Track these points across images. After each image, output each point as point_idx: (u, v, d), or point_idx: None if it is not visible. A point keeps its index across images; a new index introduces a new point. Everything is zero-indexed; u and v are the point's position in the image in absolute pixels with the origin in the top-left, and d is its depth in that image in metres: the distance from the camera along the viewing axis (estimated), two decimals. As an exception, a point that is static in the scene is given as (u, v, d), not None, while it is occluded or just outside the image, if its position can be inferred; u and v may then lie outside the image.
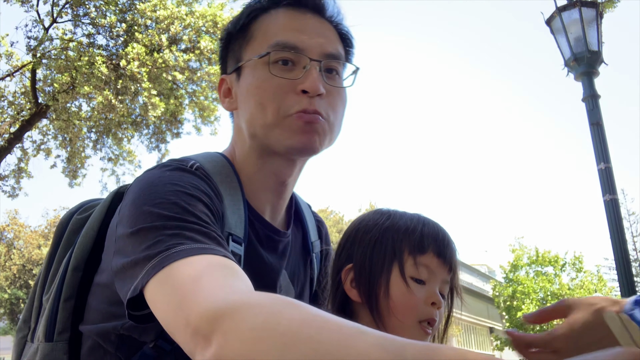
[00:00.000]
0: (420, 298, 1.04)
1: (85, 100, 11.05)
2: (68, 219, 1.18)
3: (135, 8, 10.48)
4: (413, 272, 1.05)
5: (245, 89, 1.07)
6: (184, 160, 1.01)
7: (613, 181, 5.24)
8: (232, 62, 1.13)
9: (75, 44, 10.38)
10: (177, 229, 0.82)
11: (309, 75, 1.03)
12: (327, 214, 27.89)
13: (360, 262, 1.08)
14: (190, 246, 0.78)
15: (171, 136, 12.15)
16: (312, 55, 1.05)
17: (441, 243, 1.08)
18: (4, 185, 11.79)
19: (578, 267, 29.46)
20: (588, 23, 5.50)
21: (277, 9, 1.09)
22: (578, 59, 5.51)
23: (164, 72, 10.26)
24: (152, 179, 0.93)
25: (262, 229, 1.10)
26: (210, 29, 10.84)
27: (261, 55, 1.04)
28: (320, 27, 1.10)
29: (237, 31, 1.12)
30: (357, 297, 1.08)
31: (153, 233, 0.82)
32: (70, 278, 1.05)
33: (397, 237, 1.07)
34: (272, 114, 1.03)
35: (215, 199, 0.96)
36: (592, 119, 5.43)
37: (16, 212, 25.85)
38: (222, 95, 1.16)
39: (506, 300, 28.65)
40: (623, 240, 5.12)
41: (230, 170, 1.09)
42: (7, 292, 25.03)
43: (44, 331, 1.04)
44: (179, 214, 0.84)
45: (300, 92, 1.03)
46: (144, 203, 0.87)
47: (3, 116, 10.98)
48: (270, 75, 1.03)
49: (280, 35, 1.05)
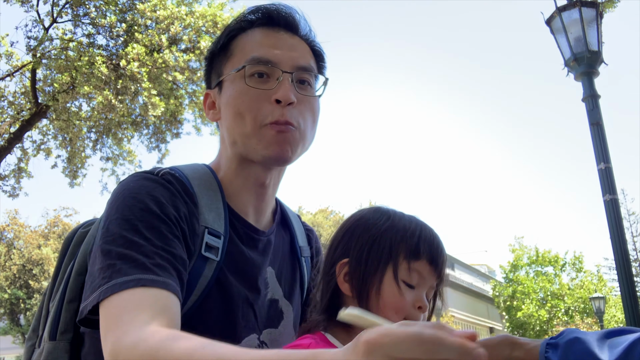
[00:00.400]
0: (408, 301, 1.07)
1: (85, 100, 11.05)
2: (73, 233, 1.27)
3: (135, 8, 10.48)
4: (405, 276, 1.08)
5: (226, 100, 1.18)
6: (154, 169, 1.12)
7: (613, 181, 5.24)
8: (214, 77, 1.24)
9: (75, 44, 10.38)
10: (124, 258, 0.95)
11: (282, 86, 1.13)
12: (327, 214, 27.87)
13: (357, 258, 1.11)
14: (129, 278, 0.92)
15: (171, 136, 12.15)
16: (285, 68, 1.15)
17: (435, 251, 1.11)
18: (4, 185, 11.79)
19: (578, 267, 29.45)
20: (588, 23, 5.50)
21: (254, 29, 1.21)
22: (578, 59, 5.51)
23: (164, 72, 10.26)
24: (119, 192, 1.06)
25: (242, 227, 1.19)
26: (210, 29, 10.84)
27: (238, 69, 1.16)
28: (293, 43, 1.20)
29: (219, 50, 1.23)
30: (348, 291, 1.11)
31: (105, 258, 0.96)
32: (74, 281, 1.12)
33: (394, 240, 1.10)
34: (250, 123, 1.13)
35: (178, 204, 1.06)
36: (592, 119, 5.43)
37: (16, 212, 25.86)
38: (206, 108, 1.27)
39: (506, 300, 28.64)
40: (623, 240, 5.12)
41: (210, 176, 1.19)
42: (7, 292, 25.02)
43: (48, 331, 1.11)
44: (129, 238, 0.97)
45: (274, 102, 1.13)
46: (109, 218, 1.01)
47: (3, 116, 10.98)
48: (247, 87, 1.14)
49: (255, 51, 1.16)
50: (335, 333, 1.11)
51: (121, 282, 0.91)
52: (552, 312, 27.46)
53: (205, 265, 1.08)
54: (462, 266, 35.56)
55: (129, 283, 0.91)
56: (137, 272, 0.92)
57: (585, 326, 24.47)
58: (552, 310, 27.47)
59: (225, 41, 1.22)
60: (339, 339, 1.10)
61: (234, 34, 1.22)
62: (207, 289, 1.08)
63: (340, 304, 1.12)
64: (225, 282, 1.12)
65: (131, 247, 0.95)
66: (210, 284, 1.08)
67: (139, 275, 0.92)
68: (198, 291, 1.07)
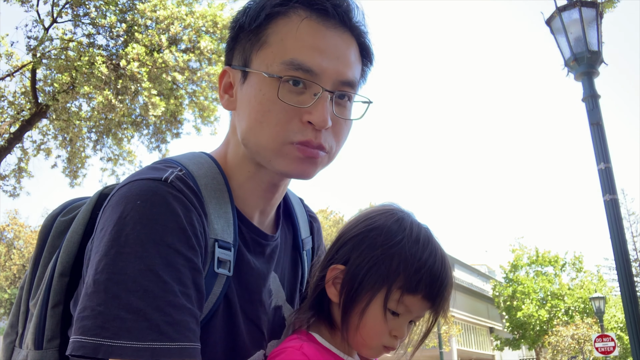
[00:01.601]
0: (387, 329, 1.06)
1: (85, 100, 11.05)
2: (52, 221, 1.15)
3: (135, 8, 10.48)
4: (393, 305, 1.05)
5: (248, 99, 1.01)
6: (162, 170, 0.97)
7: (613, 181, 5.24)
8: (239, 58, 1.06)
9: (75, 44, 10.38)
10: (135, 313, 0.82)
11: (319, 107, 0.98)
12: (327, 214, 27.87)
13: (353, 272, 1.07)
14: (140, 345, 0.81)
15: (171, 136, 12.15)
16: (326, 84, 0.99)
17: (434, 288, 1.06)
18: (5, 185, 11.80)
19: (578, 267, 29.44)
20: (588, 23, 5.50)
21: (298, 12, 1.00)
22: (578, 59, 5.51)
23: (164, 73, 10.26)
24: (124, 211, 0.89)
25: (249, 233, 1.08)
26: (210, 29, 10.83)
27: (272, 75, 0.98)
28: (341, 45, 1.02)
29: (251, 28, 1.03)
30: (334, 297, 1.09)
31: (111, 300, 0.83)
32: (57, 284, 1.03)
33: (396, 269, 1.04)
34: (271, 137, 0.99)
35: (193, 221, 0.93)
36: (592, 119, 5.43)
37: (16, 212, 25.86)
38: (222, 89, 1.09)
39: (506, 300, 28.62)
40: (623, 240, 5.12)
41: (217, 173, 1.06)
42: (7, 292, 25.02)
43: (32, 339, 1.02)
44: (143, 284, 0.84)
45: (306, 122, 0.98)
46: (114, 247, 0.86)
47: (3, 116, 10.97)
48: (277, 98, 0.97)
49: (297, 53, 0.98)
50: (320, 331, 1.11)
51: (130, 347, 0.81)
52: (552, 312, 27.44)
53: (215, 281, 0.99)
54: (462, 266, 35.53)
55: (140, 353, 0.81)
56: (149, 339, 0.82)
57: (585, 326, 24.46)
58: (552, 310, 27.45)
59: (261, 21, 1.01)
60: (324, 337, 1.10)
61: (273, 14, 1.01)
62: (215, 306, 0.99)
63: (326, 304, 1.12)
64: (232, 298, 1.03)
65: (145, 297, 0.83)
66: (218, 300, 1.00)
67: (152, 343, 0.82)
68: (206, 309, 0.98)
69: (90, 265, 0.89)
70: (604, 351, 15.61)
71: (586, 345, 23.94)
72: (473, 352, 31.80)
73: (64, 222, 1.13)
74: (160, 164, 1.01)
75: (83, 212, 1.08)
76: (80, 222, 1.07)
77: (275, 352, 1.05)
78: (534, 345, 27.97)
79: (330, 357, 1.07)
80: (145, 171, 0.98)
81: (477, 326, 33.48)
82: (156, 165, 1.01)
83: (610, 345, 15.59)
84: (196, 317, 0.88)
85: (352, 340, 1.07)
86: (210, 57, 10.90)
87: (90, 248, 0.95)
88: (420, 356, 26.55)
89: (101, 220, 0.94)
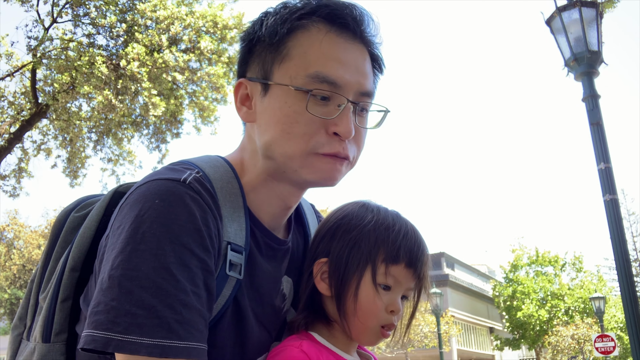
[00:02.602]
0: (383, 305, 1.09)
1: (86, 100, 11.05)
2: (65, 216, 1.17)
3: (135, 8, 10.48)
4: (382, 279, 1.09)
5: (272, 111, 1.03)
6: (180, 172, 0.98)
7: (613, 181, 5.24)
8: (257, 70, 1.08)
9: (75, 44, 10.39)
10: (148, 309, 0.84)
11: (344, 118, 1.02)
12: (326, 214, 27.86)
13: (337, 259, 1.11)
14: (150, 342, 0.82)
15: (171, 136, 12.15)
16: (349, 94, 1.03)
17: (415, 256, 1.11)
18: (5, 185, 11.80)
19: (578, 267, 29.44)
20: (588, 23, 5.50)
21: (318, 26, 1.03)
22: (578, 59, 5.51)
23: (164, 73, 10.26)
24: (143, 209, 0.91)
25: (262, 237, 1.10)
26: (210, 29, 10.84)
27: (300, 89, 1.00)
28: (359, 56, 1.06)
29: (272, 41, 1.05)
30: (326, 290, 1.12)
31: (124, 296, 0.84)
32: (68, 279, 1.04)
33: (375, 243, 1.10)
34: (299, 148, 1.01)
35: (210, 223, 0.95)
36: (592, 119, 5.43)
37: (16, 212, 25.88)
38: (238, 101, 1.10)
39: (506, 300, 28.62)
40: (623, 240, 5.12)
41: (232, 178, 1.07)
42: (7, 292, 25.03)
43: (41, 332, 1.03)
44: (157, 281, 0.85)
45: (332, 133, 1.02)
46: (130, 243, 0.88)
47: (3, 116, 10.98)
48: (305, 110, 1.00)
49: (321, 66, 1.01)
50: (318, 330, 1.12)
51: (140, 344, 0.82)
52: (552, 312, 27.45)
53: (226, 283, 1.00)
54: (462, 266, 35.55)
55: (150, 349, 0.82)
56: (160, 335, 0.83)
57: (585, 326, 24.47)
58: (552, 310, 27.47)
59: (282, 35, 1.04)
60: (323, 336, 1.11)
61: (293, 27, 1.04)
62: (223, 309, 1.00)
63: (320, 302, 1.14)
64: (241, 301, 1.04)
65: (158, 294, 0.84)
66: (227, 302, 1.01)
67: (162, 341, 0.83)
68: (215, 311, 0.99)
69: (105, 261, 0.90)
70: (604, 351, 15.62)
71: (586, 345, 23.94)
72: (473, 352, 31.80)
73: (78, 218, 1.14)
74: (178, 165, 1.03)
75: (97, 208, 1.09)
76: (93, 219, 1.08)
77: (275, 351, 1.06)
78: (534, 345, 27.98)
79: (330, 355, 1.08)
80: (164, 172, 0.99)
81: (477, 326, 33.49)
82: (174, 166, 1.03)
83: (610, 345, 15.60)
84: (205, 319, 0.90)
85: (351, 327, 1.09)
86: (210, 57, 10.91)
87: (104, 244, 0.96)
88: (420, 356, 26.52)
89: (118, 217, 0.95)
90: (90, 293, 0.99)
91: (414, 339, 21.78)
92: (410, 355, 23.43)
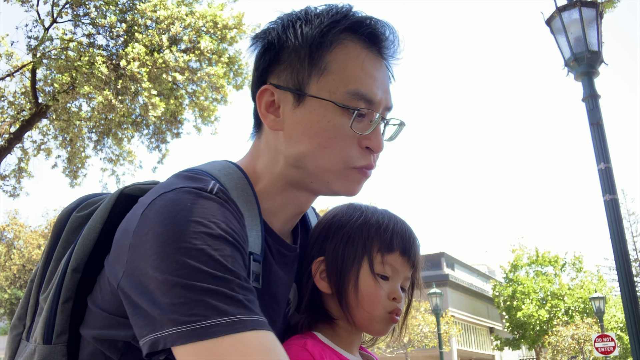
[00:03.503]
0: (384, 293, 1.12)
1: (86, 101, 11.06)
2: (67, 216, 1.15)
3: (135, 8, 10.49)
4: (380, 269, 1.13)
5: (308, 124, 1.04)
6: (201, 180, 0.98)
7: (613, 181, 5.24)
8: (287, 78, 1.07)
9: (75, 44, 10.39)
10: (216, 293, 0.83)
11: (377, 134, 1.07)
12: (327, 214, 27.87)
13: (333, 256, 1.14)
14: (233, 319, 0.81)
15: (171, 136, 12.16)
16: (380, 111, 1.07)
17: (408, 243, 1.16)
18: (5, 185, 11.81)
19: (578, 267, 29.45)
20: (588, 23, 5.49)
21: (355, 41, 1.06)
22: (578, 59, 5.50)
23: (164, 73, 10.27)
24: (174, 211, 0.89)
25: (274, 244, 1.10)
26: (210, 29, 10.84)
27: (347, 107, 1.02)
28: (386, 74, 1.11)
29: (311, 53, 1.05)
30: (326, 288, 1.14)
31: (182, 291, 0.82)
32: (70, 280, 1.02)
33: (368, 235, 1.14)
34: (334, 162, 1.04)
35: (240, 229, 0.94)
36: (592, 119, 5.43)
37: (16, 212, 25.90)
38: (262, 107, 1.08)
39: (506, 300, 28.63)
40: (623, 240, 5.12)
41: (246, 185, 1.07)
42: (7, 292, 25.04)
43: (41, 333, 1.02)
44: (212, 271, 0.84)
45: (364, 147, 1.06)
46: (171, 245, 0.86)
47: (3, 116, 10.99)
48: (344, 126, 1.03)
49: (358, 83, 1.04)
50: (321, 330, 1.14)
51: (229, 322, 0.81)
52: (552, 312, 27.46)
53: None
54: (462, 266, 35.56)
55: (236, 326, 0.81)
56: (240, 312, 0.82)
57: (585, 326, 24.48)
58: (552, 310, 27.48)
59: (322, 48, 1.04)
60: (327, 335, 1.13)
61: (330, 41, 1.05)
62: None
63: (321, 301, 1.16)
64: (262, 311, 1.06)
65: (218, 282, 0.84)
66: None
67: (246, 315, 0.83)
68: None
69: (142, 270, 0.87)
70: (604, 351, 15.62)
71: (586, 345, 23.96)
72: (473, 352, 31.82)
73: (80, 218, 1.12)
74: (193, 173, 1.01)
75: (101, 210, 1.07)
76: (98, 220, 1.06)
77: None
78: (534, 345, 27.99)
79: (333, 354, 1.10)
80: (184, 180, 0.98)
81: (477, 326, 33.50)
82: (191, 174, 1.01)
83: (610, 345, 15.60)
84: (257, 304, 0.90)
85: (358, 319, 1.11)
86: (210, 57, 10.91)
87: (123, 236, 0.94)
88: (420, 356, 26.52)
89: (142, 223, 0.92)
90: (101, 296, 0.98)
91: (414, 339, 21.78)
92: (410, 355, 23.43)
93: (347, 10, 1.08)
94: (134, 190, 1.07)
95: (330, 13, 1.07)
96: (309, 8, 1.10)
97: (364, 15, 1.09)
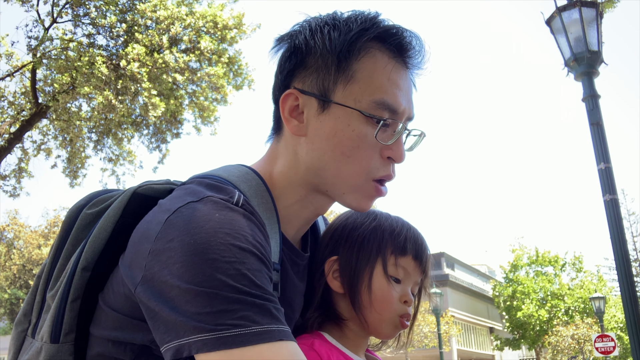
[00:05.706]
0: (396, 296, 1.14)
1: (86, 101, 11.07)
2: (77, 212, 1.12)
3: (135, 8, 10.49)
4: (393, 271, 1.14)
5: (332, 131, 1.03)
6: (226, 191, 0.96)
7: (613, 181, 5.24)
8: (312, 83, 1.05)
9: (76, 44, 10.39)
10: (243, 303, 0.82)
11: (399, 145, 1.05)
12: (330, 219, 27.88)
13: (347, 256, 1.16)
14: (261, 328, 0.80)
15: (171, 136, 12.16)
16: (402, 120, 1.06)
17: (420, 248, 1.18)
18: (5, 185, 11.81)
19: (578, 267, 29.44)
20: (588, 23, 5.50)
21: (382, 50, 1.05)
22: (578, 59, 5.51)
23: (164, 73, 10.27)
24: (203, 221, 0.88)
25: (288, 252, 1.09)
26: (211, 30, 10.85)
27: (373, 117, 1.01)
28: (411, 84, 1.10)
29: (339, 61, 1.03)
30: (339, 288, 1.15)
31: (213, 300, 0.81)
32: (79, 278, 1.00)
33: (382, 238, 1.16)
34: (355, 172, 1.03)
35: (265, 243, 0.93)
36: (592, 119, 5.43)
37: (16, 212, 25.90)
38: (285, 111, 1.06)
39: (506, 300, 28.61)
40: (623, 240, 5.12)
41: (265, 192, 1.06)
42: (7, 292, 25.05)
43: (49, 332, 1.00)
44: (238, 285, 0.83)
45: (385, 157, 1.04)
46: (198, 255, 0.84)
47: (3, 116, 10.99)
48: (368, 135, 1.02)
49: (384, 93, 1.02)
50: (329, 331, 1.15)
51: (255, 332, 0.80)
52: (552, 312, 27.46)
53: None
54: (462, 266, 35.56)
55: (264, 336, 0.80)
56: (268, 322, 0.82)
57: (585, 326, 24.48)
58: (552, 310, 27.47)
59: (351, 56, 1.03)
60: (334, 336, 1.14)
61: (362, 49, 1.04)
62: None
63: (331, 301, 1.16)
64: None
65: (245, 294, 0.83)
66: None
67: (274, 326, 0.82)
68: None
69: (163, 277, 0.86)
70: (604, 351, 15.62)
71: (586, 345, 23.95)
72: (473, 352, 31.81)
73: (90, 215, 1.10)
74: (215, 181, 0.99)
75: (114, 209, 1.04)
76: (110, 220, 1.03)
77: None
78: (534, 345, 27.99)
79: (340, 355, 1.10)
80: (208, 189, 0.96)
81: (477, 326, 33.50)
82: (211, 182, 0.99)
83: (610, 345, 15.60)
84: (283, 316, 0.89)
85: (369, 320, 1.12)
86: (210, 57, 10.91)
87: (140, 239, 0.92)
88: (420, 356, 26.51)
89: (165, 231, 0.90)
90: (114, 296, 0.97)
91: (414, 339, 21.76)
92: (410, 355, 23.43)
93: (375, 18, 1.06)
94: (147, 190, 1.05)
95: (359, 20, 1.05)
96: (336, 13, 1.09)
97: (391, 24, 1.07)
